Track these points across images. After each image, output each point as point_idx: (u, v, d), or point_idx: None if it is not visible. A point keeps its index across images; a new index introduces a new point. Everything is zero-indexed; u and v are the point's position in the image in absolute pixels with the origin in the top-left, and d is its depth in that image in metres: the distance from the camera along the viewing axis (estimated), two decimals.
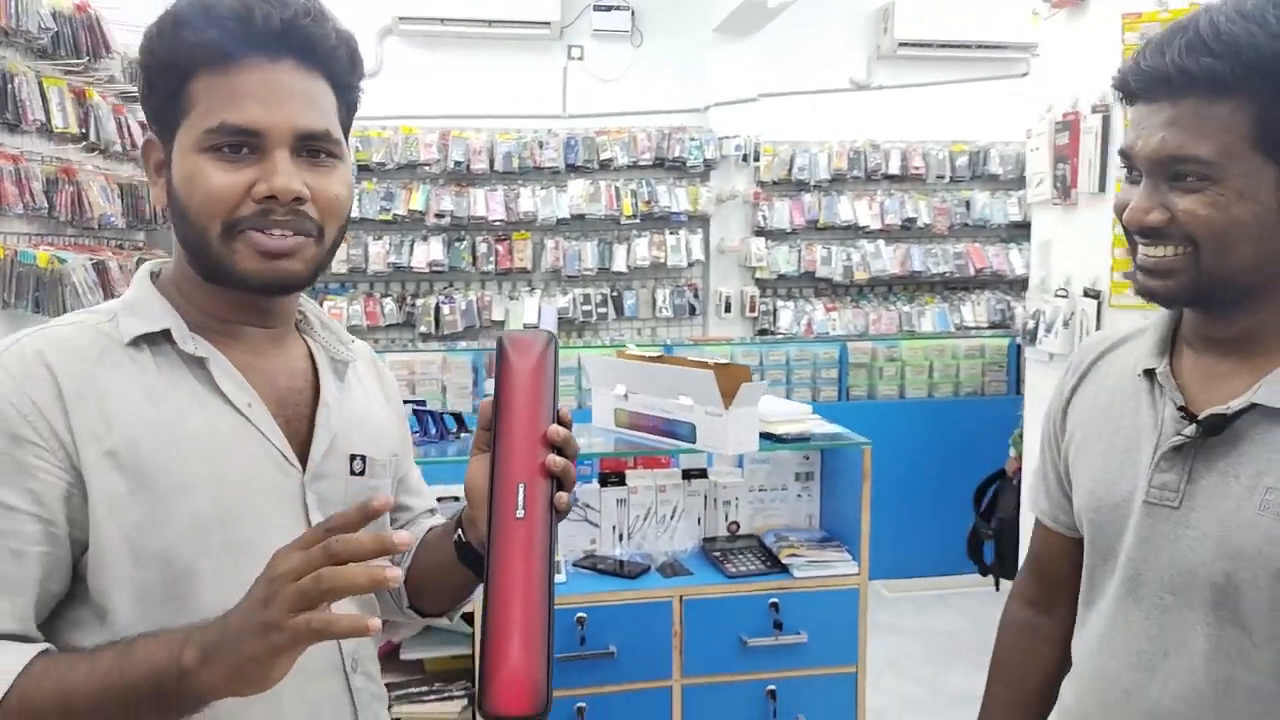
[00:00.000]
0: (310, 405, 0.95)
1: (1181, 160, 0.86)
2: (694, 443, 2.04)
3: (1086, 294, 2.90)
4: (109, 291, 3.70)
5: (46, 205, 3.47)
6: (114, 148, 3.94)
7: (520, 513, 0.79)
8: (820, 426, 2.22)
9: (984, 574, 3.39)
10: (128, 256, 4.06)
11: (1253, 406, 0.88)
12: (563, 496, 0.82)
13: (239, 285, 0.88)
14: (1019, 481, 3.26)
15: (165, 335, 0.87)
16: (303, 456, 0.93)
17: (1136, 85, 0.89)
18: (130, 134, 4.07)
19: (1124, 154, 0.92)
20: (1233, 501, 0.89)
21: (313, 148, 0.88)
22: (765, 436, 2.11)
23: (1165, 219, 0.88)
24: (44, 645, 0.80)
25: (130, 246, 4.32)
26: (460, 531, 0.97)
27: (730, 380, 1.94)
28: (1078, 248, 2.99)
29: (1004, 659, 1.21)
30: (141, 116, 4.62)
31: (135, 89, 4.38)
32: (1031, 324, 3.15)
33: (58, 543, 0.81)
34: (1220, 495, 0.90)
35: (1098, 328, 2.80)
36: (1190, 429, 0.91)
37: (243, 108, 0.84)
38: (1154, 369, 0.97)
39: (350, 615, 0.72)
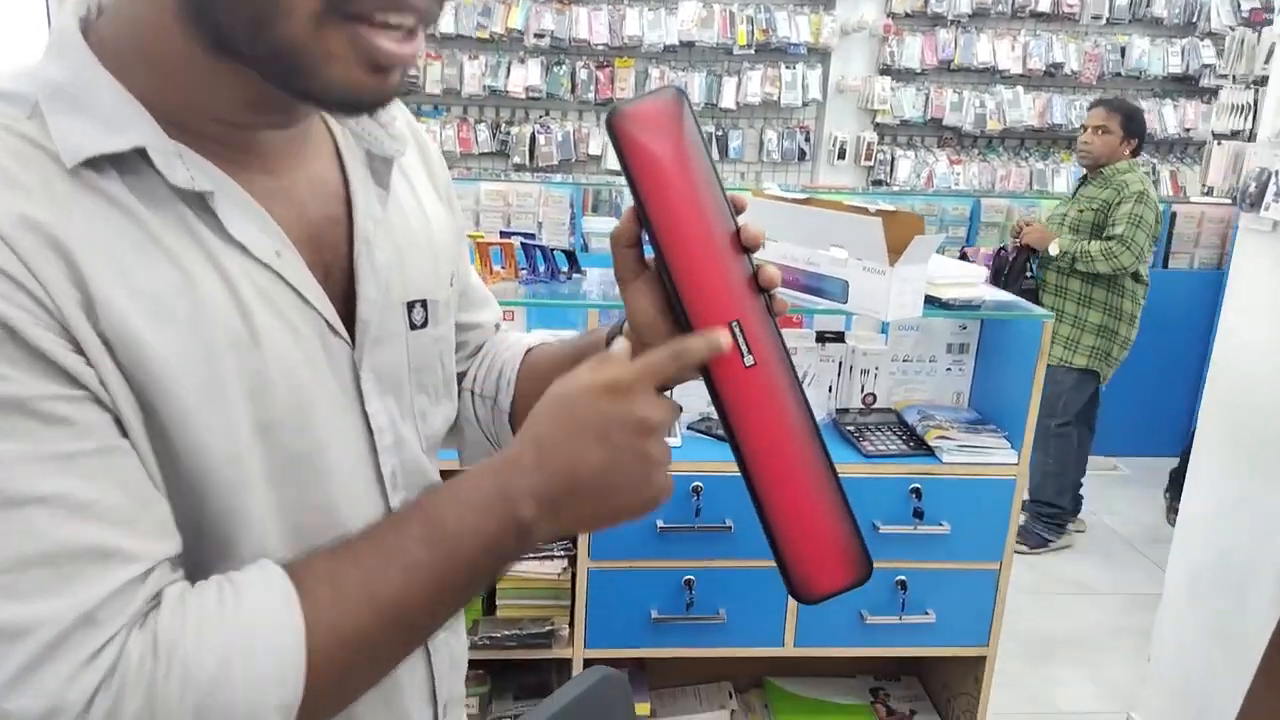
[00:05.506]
0: (350, 236, 0.67)
1: None
2: (844, 303, 1.76)
3: None
4: None
5: None
6: None
7: (750, 360, 0.61)
8: (993, 294, 1.90)
9: None
10: None
11: None
12: (782, 303, 0.63)
13: (327, 103, 0.59)
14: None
15: (140, 153, 0.56)
16: (348, 317, 0.65)
17: None
18: None
19: None
20: None
21: None
22: (929, 301, 1.81)
23: None
24: (278, 567, 0.57)
25: None
26: None
27: (901, 231, 1.63)
28: None
29: None
30: None
31: None
32: (1253, 187, 2.69)
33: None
34: None
35: None
36: None
37: None
38: None
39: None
